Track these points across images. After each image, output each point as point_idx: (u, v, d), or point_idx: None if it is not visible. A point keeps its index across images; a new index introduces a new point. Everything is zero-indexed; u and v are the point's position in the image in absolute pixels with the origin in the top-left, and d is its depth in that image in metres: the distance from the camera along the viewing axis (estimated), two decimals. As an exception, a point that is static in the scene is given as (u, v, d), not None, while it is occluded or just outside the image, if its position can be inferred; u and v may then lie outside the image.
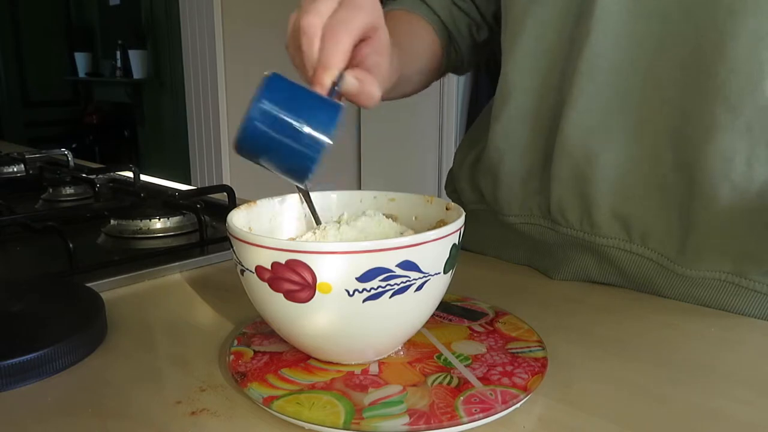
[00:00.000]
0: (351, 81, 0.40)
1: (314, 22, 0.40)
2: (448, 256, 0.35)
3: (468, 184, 0.65)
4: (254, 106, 0.37)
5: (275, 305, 0.35)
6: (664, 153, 0.49)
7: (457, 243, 0.36)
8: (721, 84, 0.45)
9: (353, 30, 0.40)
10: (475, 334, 0.42)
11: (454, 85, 2.29)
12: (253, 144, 0.38)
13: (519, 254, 0.61)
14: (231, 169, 2.50)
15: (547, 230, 0.57)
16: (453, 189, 0.70)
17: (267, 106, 0.37)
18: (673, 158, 0.49)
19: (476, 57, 0.71)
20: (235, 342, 0.41)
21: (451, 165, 0.71)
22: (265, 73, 0.38)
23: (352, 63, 0.41)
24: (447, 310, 0.45)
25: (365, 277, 0.32)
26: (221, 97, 2.40)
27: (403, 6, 0.65)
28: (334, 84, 0.40)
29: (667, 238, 0.50)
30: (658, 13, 0.48)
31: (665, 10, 0.47)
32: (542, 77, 0.55)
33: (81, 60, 4.05)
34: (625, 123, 0.50)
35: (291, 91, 0.38)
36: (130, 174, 0.94)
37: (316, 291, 0.33)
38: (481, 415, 0.32)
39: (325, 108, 0.38)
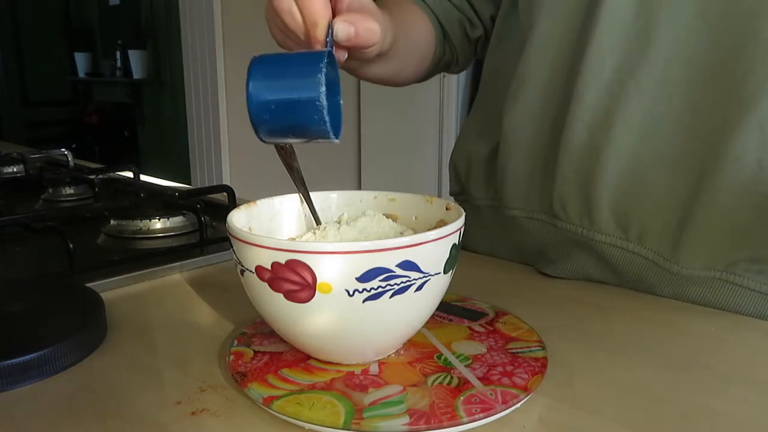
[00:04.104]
0: (342, 26, 0.41)
1: None
2: (448, 256, 0.35)
3: (482, 178, 0.65)
4: (247, 84, 0.38)
5: (275, 305, 0.35)
6: (670, 150, 0.49)
7: (457, 243, 0.36)
8: (735, 84, 0.45)
9: None
10: (475, 334, 0.42)
11: (455, 85, 2.29)
12: (262, 119, 0.38)
13: (521, 252, 0.61)
14: (231, 169, 2.49)
15: (548, 225, 0.57)
16: (460, 187, 0.70)
17: (257, 77, 0.38)
18: (679, 156, 0.49)
19: (470, 55, 0.71)
20: (235, 342, 0.41)
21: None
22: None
23: (338, 14, 0.42)
24: (447, 310, 0.45)
25: (365, 277, 0.32)
26: (221, 97, 2.40)
27: None
28: (328, 38, 0.41)
29: (663, 236, 0.50)
30: (667, 10, 0.47)
31: (675, 7, 0.47)
32: (551, 72, 0.55)
33: (81, 60, 4.04)
34: (631, 119, 0.50)
35: (275, 58, 0.39)
36: (130, 174, 0.94)
37: (316, 291, 0.33)
38: (481, 415, 0.32)
39: (310, 55, 0.39)
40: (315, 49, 0.41)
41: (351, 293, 0.33)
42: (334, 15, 0.42)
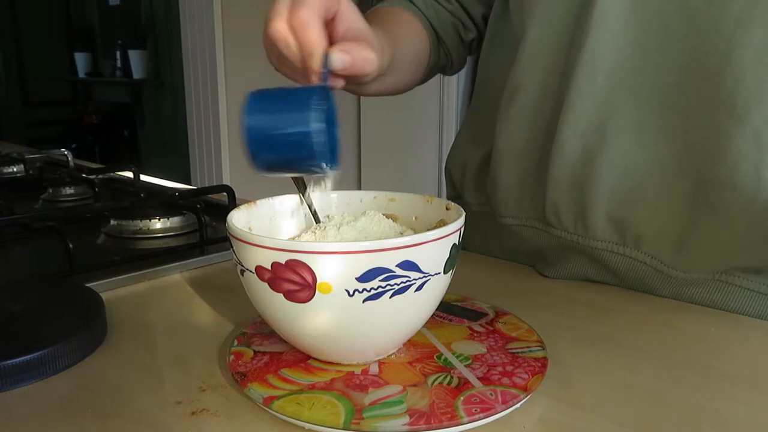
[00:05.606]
0: (338, 56, 0.41)
1: (279, 26, 0.41)
2: (448, 256, 0.35)
3: (474, 185, 0.65)
4: (243, 121, 0.38)
5: (275, 305, 0.35)
6: (664, 157, 0.49)
7: (457, 243, 0.36)
8: (727, 92, 0.45)
9: (314, 9, 0.41)
10: (475, 334, 0.42)
11: (454, 85, 2.29)
12: (259, 154, 0.39)
13: (519, 256, 0.61)
14: (231, 169, 2.50)
15: (542, 233, 0.56)
16: (455, 192, 0.70)
17: (253, 113, 0.38)
18: (674, 163, 0.48)
19: (464, 57, 0.71)
20: (235, 342, 0.41)
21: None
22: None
23: (335, 42, 0.42)
24: (447, 310, 0.45)
25: (365, 277, 0.32)
26: (221, 97, 2.40)
27: (385, 4, 0.65)
28: (324, 68, 0.41)
29: (661, 241, 0.50)
30: (658, 17, 0.47)
31: (666, 14, 0.47)
32: (543, 79, 0.54)
33: (81, 60, 4.04)
34: (624, 126, 0.50)
35: (271, 94, 0.39)
36: (130, 174, 0.94)
37: (316, 291, 0.33)
38: (481, 415, 0.32)
39: (305, 91, 0.39)
40: (311, 78, 0.41)
41: (351, 293, 0.33)
42: (331, 43, 0.42)
